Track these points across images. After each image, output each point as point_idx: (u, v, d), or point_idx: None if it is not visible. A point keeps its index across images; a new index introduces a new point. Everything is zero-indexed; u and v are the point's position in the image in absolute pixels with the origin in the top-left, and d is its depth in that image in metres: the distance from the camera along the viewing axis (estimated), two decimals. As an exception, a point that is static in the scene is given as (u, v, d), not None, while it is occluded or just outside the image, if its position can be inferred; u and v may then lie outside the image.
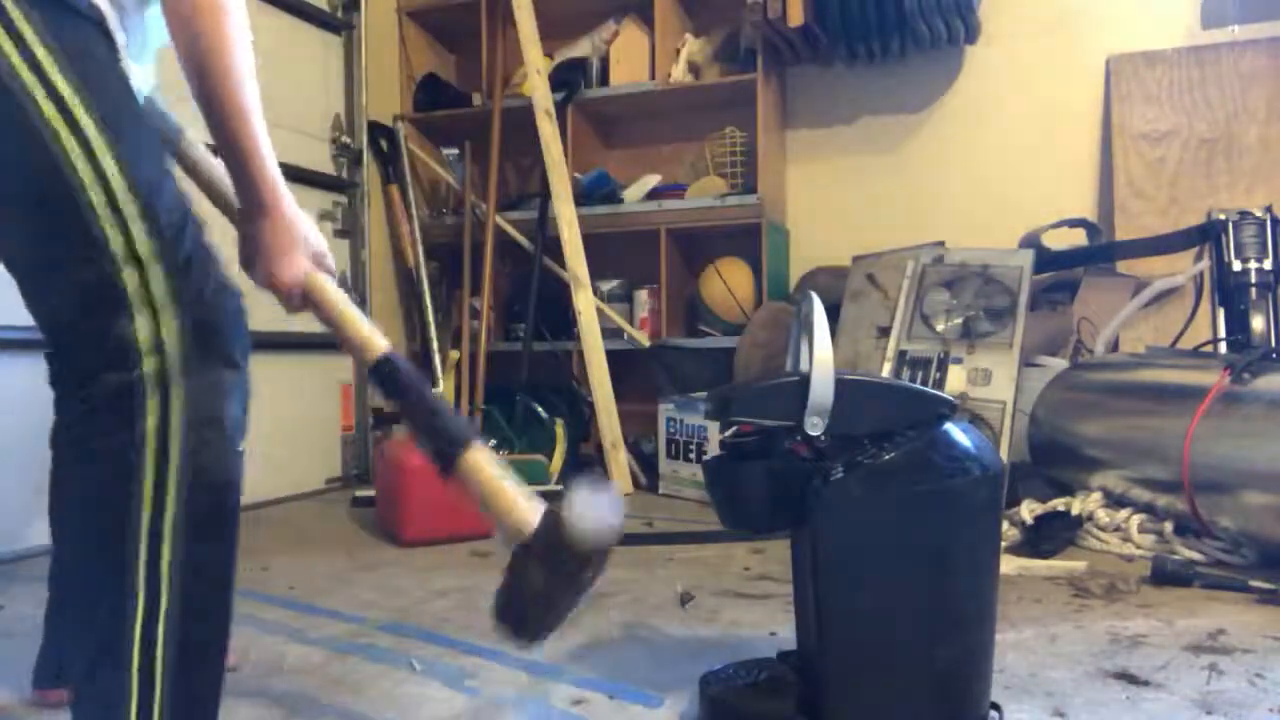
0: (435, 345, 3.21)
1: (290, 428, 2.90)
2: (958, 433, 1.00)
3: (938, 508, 0.96)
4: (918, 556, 0.96)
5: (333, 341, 1.00)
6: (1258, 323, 2.28)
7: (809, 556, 0.97)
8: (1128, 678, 1.22)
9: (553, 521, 0.92)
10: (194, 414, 0.83)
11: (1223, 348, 2.33)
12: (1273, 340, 2.26)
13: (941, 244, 2.65)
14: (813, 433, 0.95)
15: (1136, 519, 1.96)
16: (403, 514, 2.17)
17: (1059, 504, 2.07)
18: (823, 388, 0.95)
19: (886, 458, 0.95)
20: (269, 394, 2.85)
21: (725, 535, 2.07)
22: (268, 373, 2.82)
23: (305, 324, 1.09)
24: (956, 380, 2.31)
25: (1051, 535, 1.95)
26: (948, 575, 0.97)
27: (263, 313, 1.04)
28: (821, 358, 0.96)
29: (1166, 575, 1.68)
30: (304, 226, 1.00)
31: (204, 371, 0.84)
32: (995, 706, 1.01)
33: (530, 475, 2.78)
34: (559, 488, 2.76)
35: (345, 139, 3.21)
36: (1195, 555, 1.83)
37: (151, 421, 0.81)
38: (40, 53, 0.79)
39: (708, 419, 1.07)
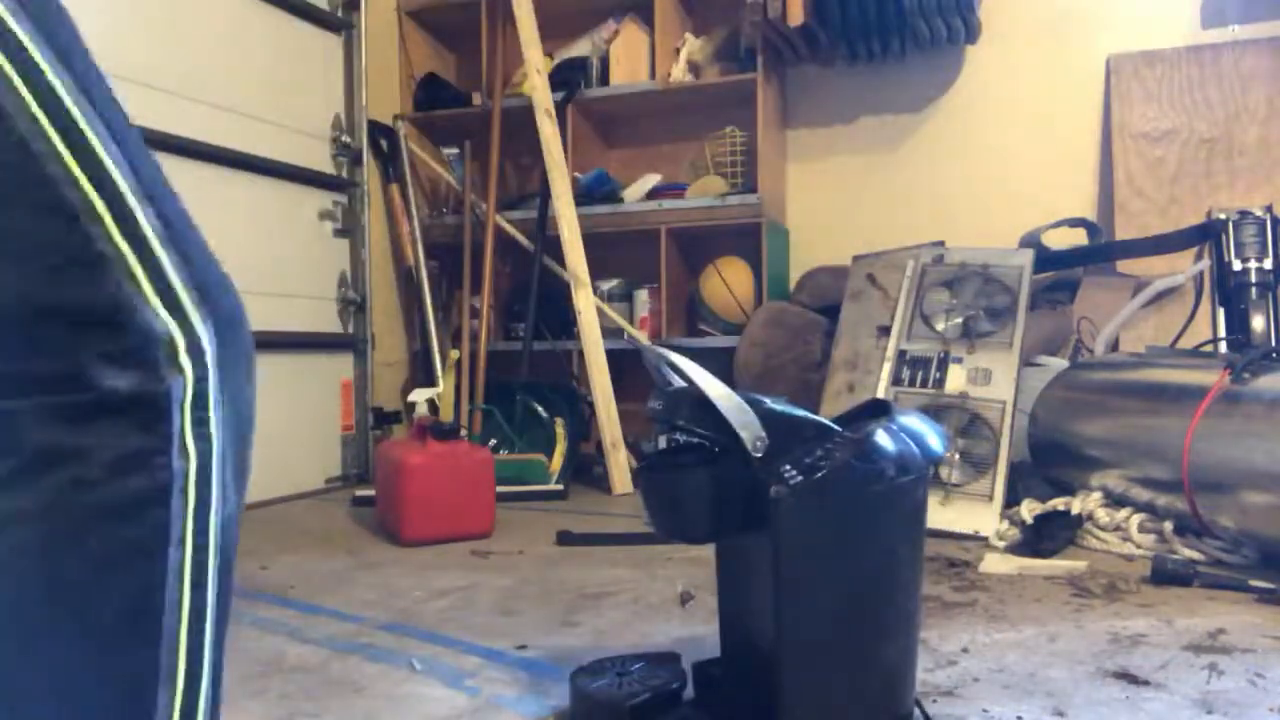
0: (435, 344, 3.21)
1: (290, 428, 2.90)
2: (900, 432, 1.01)
3: (888, 508, 0.98)
4: (872, 557, 0.97)
5: (333, 341, 0.89)
6: (1258, 322, 2.28)
7: (768, 563, 0.96)
8: (1128, 677, 1.22)
9: None
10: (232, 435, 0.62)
11: (1223, 348, 2.33)
12: (1273, 340, 2.26)
13: (941, 244, 2.65)
14: (758, 455, 0.94)
15: (1136, 518, 1.96)
16: (403, 514, 2.17)
17: (1059, 504, 2.07)
18: (742, 417, 0.95)
19: (838, 461, 0.95)
20: (269, 394, 2.87)
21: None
22: (267, 373, 2.83)
23: (305, 324, 1.08)
24: (956, 380, 2.31)
25: (1051, 535, 1.95)
26: (896, 573, 0.99)
27: (262, 312, 1.03)
28: (718, 392, 0.95)
29: (1166, 575, 1.68)
30: None
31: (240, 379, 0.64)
32: (917, 702, 1.04)
33: (530, 475, 2.79)
34: (559, 487, 2.78)
35: (345, 138, 3.21)
36: (1195, 555, 1.83)
37: (193, 454, 0.58)
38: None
39: (655, 419, 1.04)
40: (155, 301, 0.58)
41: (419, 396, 2.55)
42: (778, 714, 0.94)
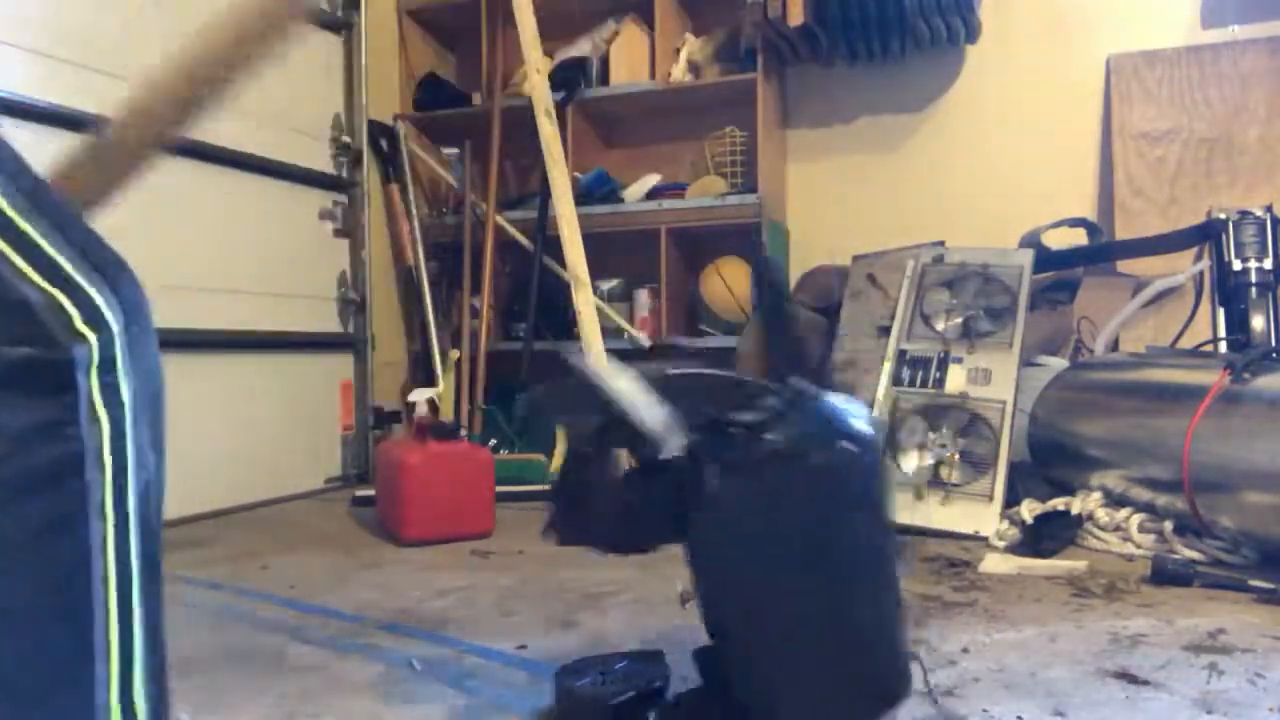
0: (435, 345, 3.21)
1: (290, 428, 2.90)
2: (823, 403, 0.97)
3: (818, 481, 0.93)
4: (806, 536, 0.93)
5: (333, 341, 0.88)
6: (1258, 322, 2.28)
7: (703, 553, 0.94)
8: (1128, 677, 1.22)
9: None
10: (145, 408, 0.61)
11: (1223, 347, 2.33)
12: (1273, 340, 2.26)
13: (941, 244, 2.65)
14: (676, 454, 0.92)
15: (1136, 518, 1.96)
16: (403, 514, 2.17)
17: (1059, 503, 2.07)
18: (653, 418, 0.92)
19: (764, 444, 0.91)
20: (269, 394, 2.87)
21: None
22: (267, 372, 2.84)
23: (305, 324, 1.07)
24: (956, 380, 2.31)
25: (1052, 535, 1.95)
26: (842, 547, 0.94)
27: (262, 311, 1.02)
28: (625, 390, 0.92)
29: (1166, 575, 1.68)
30: None
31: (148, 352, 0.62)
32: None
33: (530, 475, 2.79)
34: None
35: (345, 138, 3.21)
36: (1195, 555, 1.83)
37: (105, 420, 0.57)
38: None
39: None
40: (30, 272, 0.55)
41: (419, 396, 2.55)
42: (750, 700, 0.94)
